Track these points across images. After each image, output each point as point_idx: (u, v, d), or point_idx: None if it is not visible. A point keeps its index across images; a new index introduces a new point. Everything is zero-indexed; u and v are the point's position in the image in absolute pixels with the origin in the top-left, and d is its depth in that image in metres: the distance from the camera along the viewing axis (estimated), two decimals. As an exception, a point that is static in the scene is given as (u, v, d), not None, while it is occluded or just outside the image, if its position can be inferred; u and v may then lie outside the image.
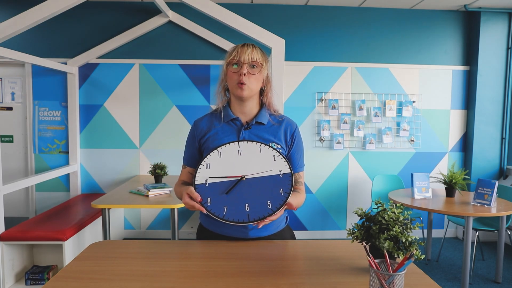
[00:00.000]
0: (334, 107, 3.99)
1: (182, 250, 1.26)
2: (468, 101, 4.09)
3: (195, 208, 1.21)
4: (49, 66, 3.39)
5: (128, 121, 3.96)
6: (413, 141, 4.08)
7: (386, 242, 1.01)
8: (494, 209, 2.75)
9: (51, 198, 3.98)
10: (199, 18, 3.78)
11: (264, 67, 1.33)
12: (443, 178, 3.16)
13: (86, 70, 3.89)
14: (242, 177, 1.25)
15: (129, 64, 3.91)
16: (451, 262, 3.48)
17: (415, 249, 1.00)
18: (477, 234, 3.30)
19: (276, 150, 1.27)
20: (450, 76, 4.07)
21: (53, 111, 3.91)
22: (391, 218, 1.06)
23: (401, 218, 1.06)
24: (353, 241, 1.11)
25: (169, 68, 3.93)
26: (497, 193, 2.96)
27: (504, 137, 3.98)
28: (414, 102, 4.04)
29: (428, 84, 4.06)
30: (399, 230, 1.03)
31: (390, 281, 0.87)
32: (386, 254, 0.92)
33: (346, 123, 4.01)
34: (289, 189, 1.23)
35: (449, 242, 4.02)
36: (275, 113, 1.42)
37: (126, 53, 3.90)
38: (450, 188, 3.13)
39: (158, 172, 3.21)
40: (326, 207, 4.12)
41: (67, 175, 3.96)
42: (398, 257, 1.02)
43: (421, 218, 3.73)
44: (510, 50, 3.91)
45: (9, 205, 3.84)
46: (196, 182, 1.25)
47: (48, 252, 2.91)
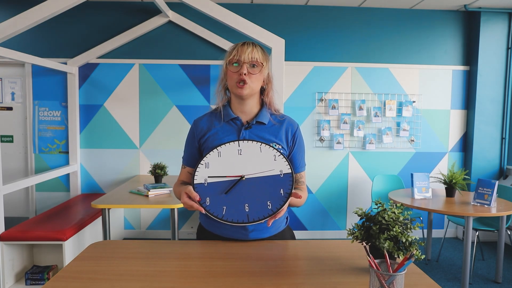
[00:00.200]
0: (334, 107, 3.99)
1: (182, 250, 1.25)
2: (468, 101, 4.09)
3: (194, 208, 1.20)
4: (49, 66, 3.39)
5: (128, 121, 3.96)
6: (413, 141, 4.08)
7: (386, 242, 1.01)
8: (494, 209, 2.75)
9: (51, 198, 3.98)
10: (199, 18, 3.78)
11: (264, 67, 1.31)
12: (443, 178, 3.16)
13: (86, 70, 3.89)
14: (241, 176, 1.23)
15: (129, 64, 3.91)
16: (451, 262, 3.48)
17: (415, 249, 1.00)
18: (477, 234, 3.30)
19: (276, 149, 1.26)
20: (450, 76, 4.07)
21: (53, 111, 3.91)
22: (391, 218, 1.06)
23: (401, 218, 1.06)
24: (353, 241, 1.11)
25: (169, 68, 3.93)
26: (497, 193, 2.96)
27: (504, 137, 3.98)
28: (414, 102, 4.04)
29: (428, 84, 4.06)
30: (399, 230, 1.03)
31: (390, 281, 0.87)
32: (386, 254, 0.91)
33: (346, 123, 4.01)
34: (289, 189, 1.22)
35: (449, 242, 4.02)
36: (276, 112, 1.40)
37: (126, 53, 3.90)
38: (450, 188, 3.13)
39: (158, 172, 3.21)
40: (326, 207, 4.12)
41: (67, 175, 3.96)
42: (398, 257, 1.02)
43: (421, 218, 3.73)
44: (510, 50, 3.91)
45: (9, 205, 3.83)
46: (195, 181, 1.23)
47: (48, 252, 2.91)
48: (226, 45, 3.77)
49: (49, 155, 3.95)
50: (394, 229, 1.02)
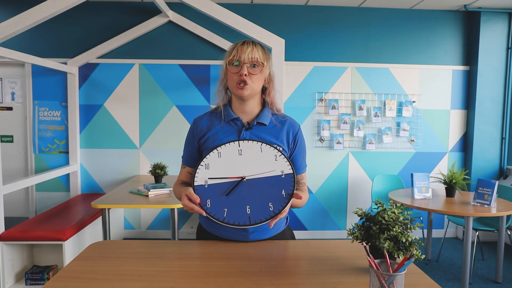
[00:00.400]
0: (334, 107, 3.99)
1: (182, 250, 1.25)
2: (468, 101, 4.09)
3: (195, 210, 1.18)
4: (49, 66, 3.39)
5: (128, 121, 3.96)
6: (413, 141, 4.08)
7: (386, 242, 1.01)
8: (494, 209, 2.75)
9: (51, 198, 3.98)
10: (199, 18, 3.78)
11: (265, 66, 1.28)
12: (443, 178, 3.16)
13: (86, 70, 3.89)
14: (242, 178, 1.21)
15: (129, 64, 3.91)
16: (451, 262, 3.48)
17: (415, 249, 1.00)
18: (477, 234, 3.30)
19: (277, 149, 1.24)
20: (450, 76, 4.07)
21: (53, 111, 3.91)
22: (391, 218, 1.06)
23: (401, 218, 1.06)
24: (353, 241, 1.11)
25: (169, 68, 3.93)
26: (497, 193, 2.96)
27: (504, 137, 3.98)
28: (414, 102, 4.04)
29: (428, 84, 4.06)
30: (399, 230, 1.03)
31: (390, 281, 0.87)
32: (386, 254, 0.91)
33: (346, 123, 4.01)
34: (291, 190, 1.20)
35: (449, 242, 4.02)
36: (278, 112, 1.38)
37: (126, 53, 3.90)
38: (450, 188, 3.13)
39: (158, 172, 3.20)
40: (326, 207, 4.12)
41: (67, 175, 3.96)
42: (398, 257, 1.02)
43: (421, 218, 3.73)
44: (510, 50, 3.91)
45: (9, 205, 3.83)
46: (195, 183, 1.21)
47: (48, 252, 2.91)
48: (226, 45, 3.77)
49: (49, 155, 3.95)
50: (394, 229, 1.02)
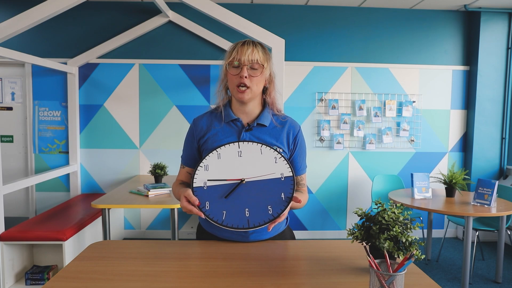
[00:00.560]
0: (334, 107, 3.99)
1: (182, 250, 1.25)
2: (468, 101, 4.09)
3: (193, 212, 1.17)
4: (49, 66, 3.39)
5: (128, 121, 3.96)
6: (413, 141, 4.08)
7: (386, 242, 1.01)
8: (494, 209, 2.75)
9: (51, 198, 3.98)
10: (199, 18, 3.78)
11: (266, 67, 1.27)
12: (443, 178, 3.16)
13: (86, 70, 3.89)
14: (241, 180, 1.20)
15: (129, 64, 3.91)
16: (451, 262, 3.48)
17: (415, 249, 1.00)
18: (477, 234, 3.31)
19: (277, 152, 1.23)
20: (450, 76, 4.07)
21: (53, 111, 3.91)
22: (391, 218, 1.06)
23: (401, 218, 1.06)
24: (353, 241, 1.11)
25: (169, 68, 3.93)
26: (497, 193, 2.96)
27: (504, 137, 3.97)
28: (414, 102, 4.04)
29: (428, 84, 4.06)
30: (399, 230, 1.03)
31: (390, 281, 0.87)
32: (386, 254, 0.91)
33: (346, 123, 4.01)
34: (290, 193, 1.19)
35: (449, 242, 4.01)
36: (278, 113, 1.37)
37: (126, 53, 3.90)
38: (450, 188, 3.13)
39: (158, 172, 3.20)
40: (326, 207, 4.12)
41: (67, 175, 3.96)
42: (398, 257, 1.02)
43: (421, 218, 3.72)
44: (510, 50, 3.91)
45: (9, 205, 3.84)
46: (194, 185, 1.20)
47: (48, 252, 2.91)
48: (226, 45, 3.77)
49: (49, 155, 3.95)
50: (394, 229, 1.02)
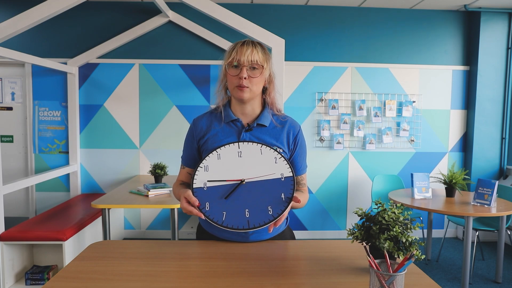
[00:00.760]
0: (334, 107, 3.99)
1: (182, 250, 1.25)
2: (468, 101, 4.09)
3: (193, 213, 1.17)
4: (49, 66, 3.39)
5: (128, 121, 3.96)
6: (413, 141, 4.08)
7: (386, 242, 1.01)
8: (494, 209, 2.75)
9: (51, 198, 3.98)
10: (199, 18, 3.78)
11: (265, 68, 1.26)
12: (443, 178, 3.16)
13: (86, 70, 3.89)
14: (241, 180, 1.20)
15: (129, 64, 3.91)
16: (451, 262, 3.48)
17: (415, 249, 1.00)
18: (477, 234, 3.31)
19: (278, 152, 1.23)
20: (450, 76, 4.07)
21: (53, 111, 3.91)
22: (391, 218, 1.06)
23: (401, 218, 1.06)
24: (353, 241, 1.11)
25: (169, 68, 3.93)
26: (497, 193, 2.96)
27: (504, 137, 3.98)
28: (414, 102, 4.04)
29: (428, 84, 4.06)
30: (399, 230, 1.03)
31: (390, 281, 0.87)
32: (386, 254, 0.91)
33: (346, 123, 4.00)
34: (290, 194, 1.19)
35: (449, 242, 4.01)
36: (278, 113, 1.36)
37: (126, 53, 3.90)
38: (450, 188, 3.13)
39: (158, 172, 3.20)
40: (326, 207, 4.12)
41: (67, 175, 3.96)
42: (398, 257, 1.01)
43: (421, 218, 3.72)
44: (510, 50, 3.91)
45: (9, 205, 3.84)
46: (194, 185, 1.20)
47: (48, 252, 2.91)
48: (226, 45, 3.77)
49: (49, 155, 3.95)
50: (394, 229, 1.02)
